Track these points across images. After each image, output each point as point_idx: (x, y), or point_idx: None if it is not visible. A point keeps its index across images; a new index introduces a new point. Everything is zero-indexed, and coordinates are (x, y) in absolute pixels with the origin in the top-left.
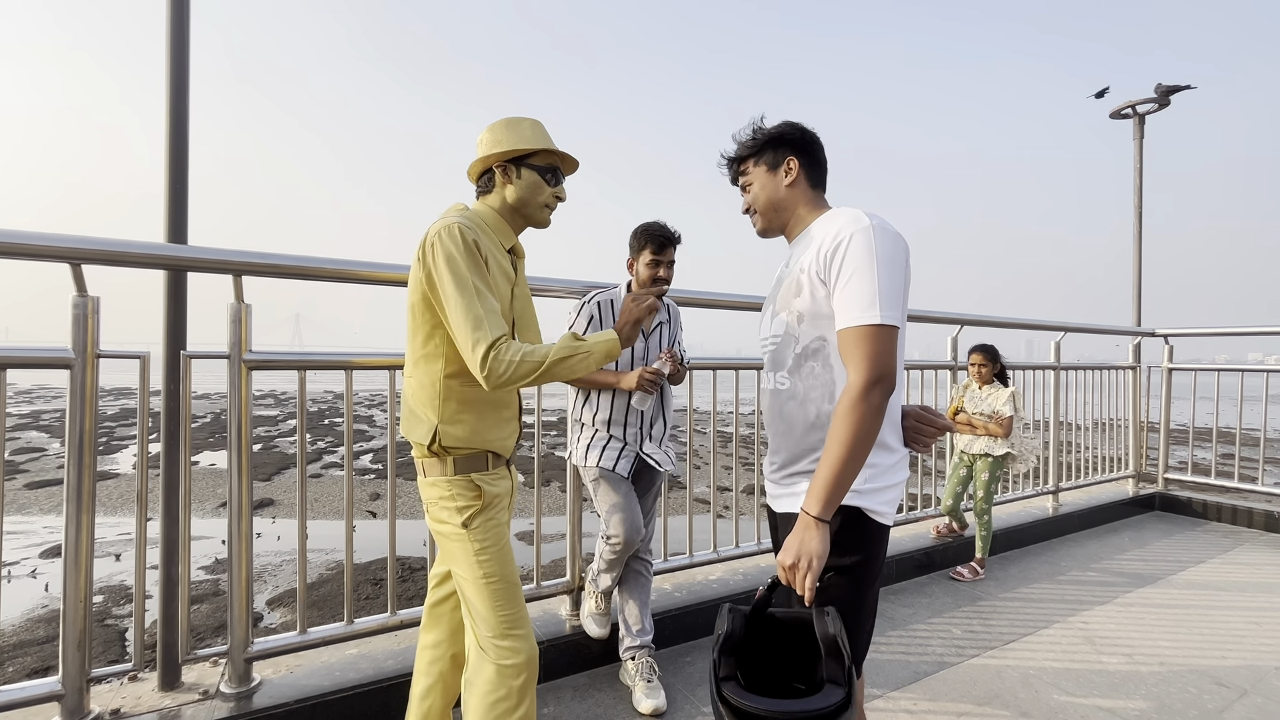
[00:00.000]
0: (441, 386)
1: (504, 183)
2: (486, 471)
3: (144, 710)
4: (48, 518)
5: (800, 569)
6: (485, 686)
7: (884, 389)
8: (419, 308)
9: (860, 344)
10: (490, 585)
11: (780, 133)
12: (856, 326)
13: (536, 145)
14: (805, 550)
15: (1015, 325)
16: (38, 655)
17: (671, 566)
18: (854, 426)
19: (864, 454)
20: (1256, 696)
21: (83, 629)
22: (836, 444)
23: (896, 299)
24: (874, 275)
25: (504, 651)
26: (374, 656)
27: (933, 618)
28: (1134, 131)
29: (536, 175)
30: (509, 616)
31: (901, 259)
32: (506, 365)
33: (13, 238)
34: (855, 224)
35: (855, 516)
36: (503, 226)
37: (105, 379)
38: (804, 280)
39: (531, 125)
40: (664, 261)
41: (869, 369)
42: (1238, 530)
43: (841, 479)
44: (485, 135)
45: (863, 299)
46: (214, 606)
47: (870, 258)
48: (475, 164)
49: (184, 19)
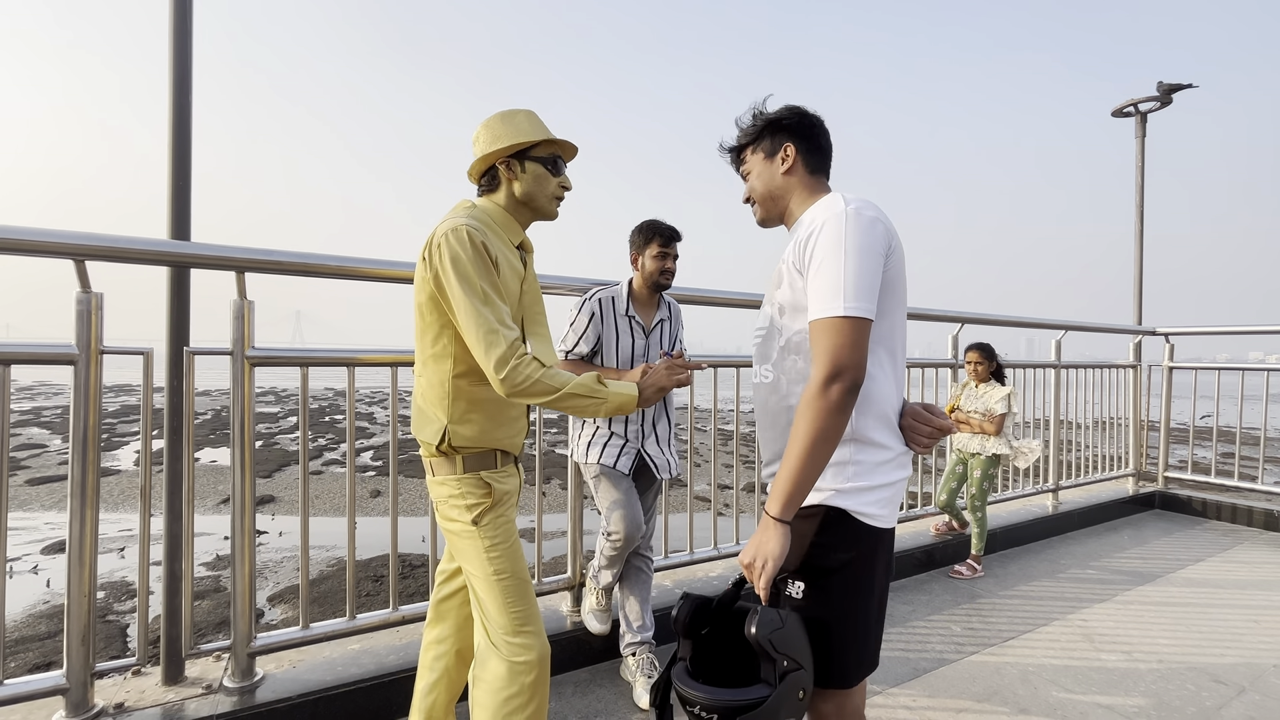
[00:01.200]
0: (451, 386)
1: (509, 179)
2: (495, 469)
3: (148, 704)
4: (49, 514)
5: (755, 568)
6: (497, 683)
7: (845, 383)
8: (426, 308)
9: (821, 337)
10: (501, 582)
11: (777, 118)
12: (820, 319)
13: (536, 137)
14: (762, 551)
15: (1016, 323)
16: (40, 650)
17: (672, 563)
18: (810, 423)
19: (824, 452)
20: (1255, 694)
21: (87, 624)
22: (794, 440)
23: (864, 289)
24: (840, 265)
25: (516, 648)
26: (376, 652)
27: (932, 615)
28: (1136, 129)
29: (541, 167)
30: (520, 613)
31: (876, 247)
32: (524, 379)
33: (17, 234)
34: (829, 210)
35: (838, 517)
36: (510, 223)
37: (105, 376)
38: (784, 271)
39: (527, 116)
40: (670, 254)
41: (827, 363)
42: (1237, 529)
43: (800, 478)
44: (481, 133)
45: (827, 290)
46: (215, 603)
47: (838, 246)
48: (476, 163)
49: (187, 16)
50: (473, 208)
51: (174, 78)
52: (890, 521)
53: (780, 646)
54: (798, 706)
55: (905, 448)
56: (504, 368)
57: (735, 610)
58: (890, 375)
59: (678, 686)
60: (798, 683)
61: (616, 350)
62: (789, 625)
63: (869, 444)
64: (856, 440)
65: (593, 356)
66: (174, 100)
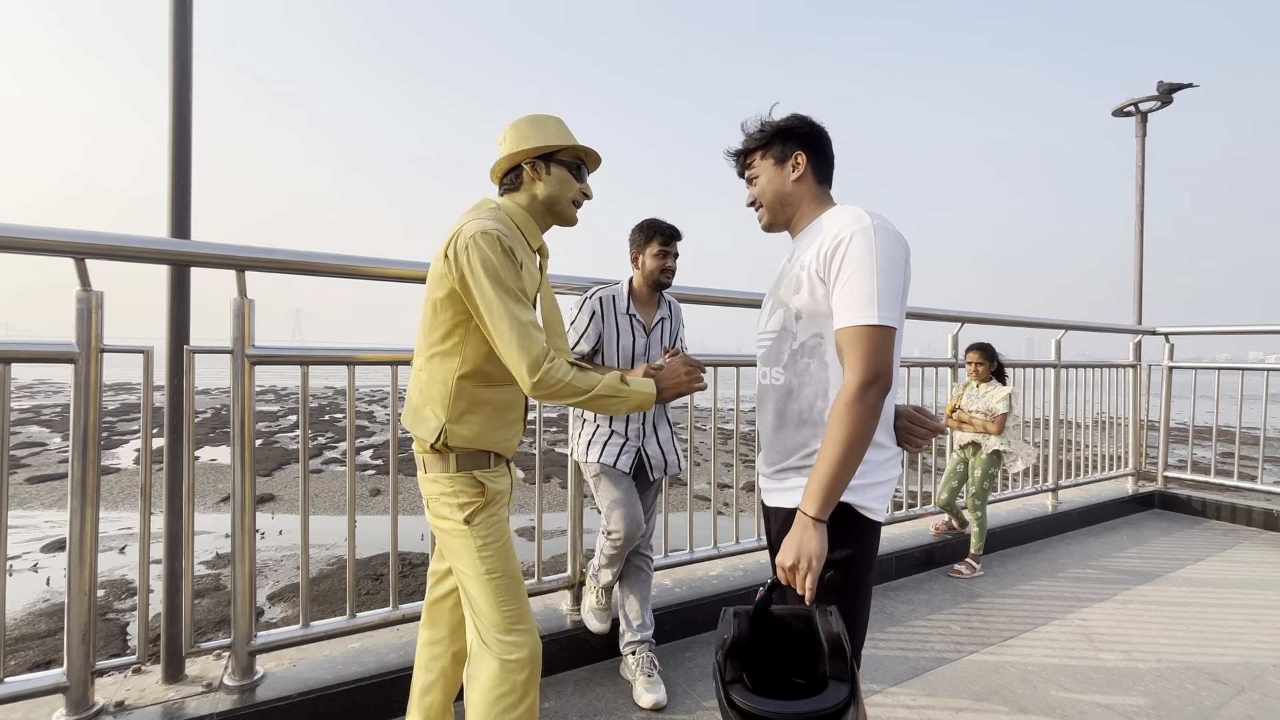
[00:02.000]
0: (454, 385)
1: (533, 179)
2: (488, 469)
3: (148, 702)
4: (49, 512)
5: (800, 569)
6: (489, 682)
7: (880, 389)
8: (442, 304)
9: (857, 344)
10: (493, 581)
11: (789, 126)
12: (854, 326)
13: (564, 142)
14: (805, 551)
15: (1016, 323)
16: (40, 649)
17: (672, 562)
18: (850, 426)
19: (860, 454)
20: (1254, 693)
21: (87, 622)
22: (832, 444)
23: (894, 300)
24: (873, 276)
25: (507, 646)
26: (376, 650)
27: (932, 614)
28: (1136, 129)
29: (566, 171)
30: (512, 612)
31: (901, 260)
32: (557, 382)
33: (18, 232)
34: (857, 223)
35: (845, 512)
36: (531, 226)
37: (105, 374)
38: (804, 277)
39: (555, 122)
40: (671, 252)
41: (865, 369)
42: (1236, 528)
43: (838, 479)
44: (509, 133)
45: (861, 299)
46: (214, 601)
47: (870, 258)
48: (502, 161)
49: (187, 17)
50: (497, 209)
51: (174, 77)
52: (884, 516)
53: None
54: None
55: (899, 448)
56: (537, 371)
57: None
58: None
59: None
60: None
61: (617, 348)
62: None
63: (873, 444)
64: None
65: (593, 355)
66: (174, 99)
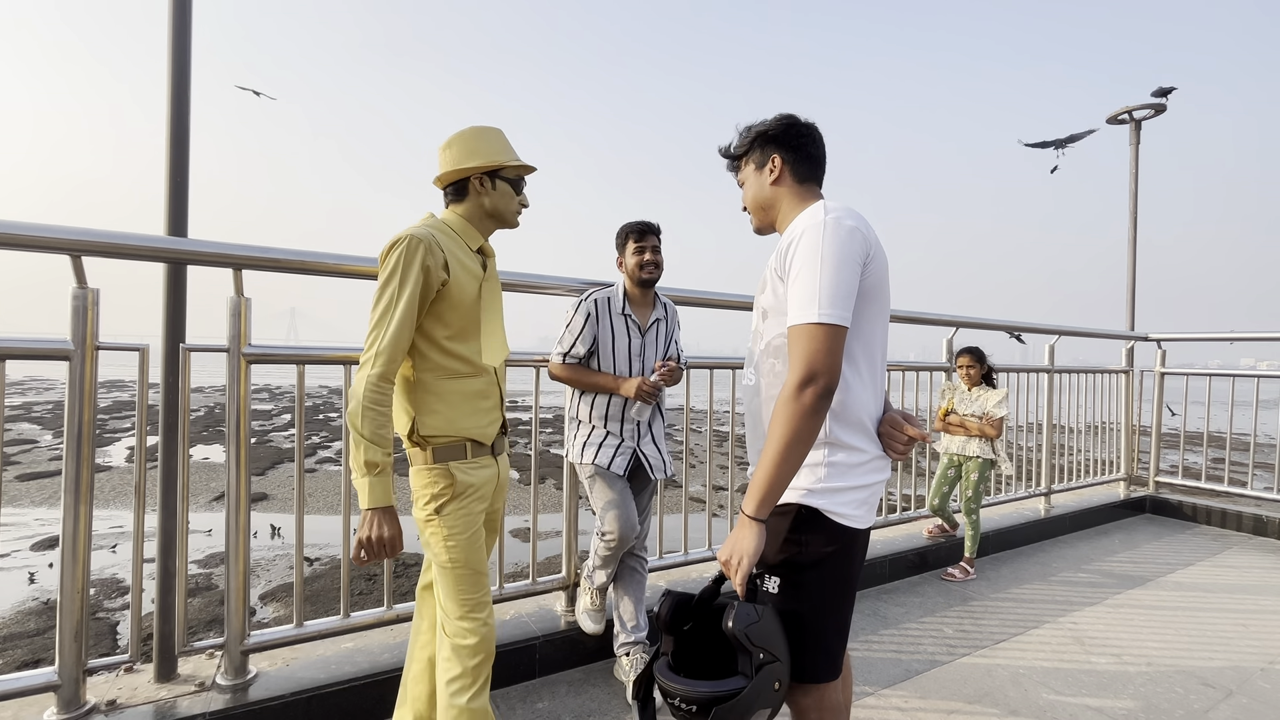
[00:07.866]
0: (415, 379)
1: (480, 193)
2: (465, 460)
3: (140, 701)
4: (39, 510)
5: (732, 565)
6: (443, 665)
7: (819, 388)
8: None
9: (797, 342)
10: (455, 570)
11: (765, 130)
12: (796, 325)
13: (509, 160)
14: (738, 548)
15: (1010, 328)
16: (29, 647)
17: (666, 564)
18: (784, 425)
19: (798, 454)
20: (1242, 697)
21: (79, 620)
22: (768, 443)
23: (839, 297)
24: (817, 272)
25: (462, 631)
26: (369, 650)
27: (925, 617)
28: (1130, 137)
29: (509, 186)
30: (469, 600)
31: (854, 255)
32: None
33: (14, 229)
34: (811, 218)
35: (811, 516)
36: (470, 230)
37: (99, 371)
38: (768, 277)
39: (499, 136)
40: (647, 247)
41: (802, 367)
42: (1226, 533)
43: (775, 478)
44: (455, 143)
45: (804, 297)
46: (207, 600)
47: (815, 254)
48: (448, 174)
49: (186, 15)
50: (430, 217)
51: (172, 73)
52: (864, 522)
53: (756, 639)
54: (774, 697)
55: (881, 453)
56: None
57: (716, 606)
58: (868, 382)
59: (659, 679)
60: (773, 674)
61: (613, 349)
62: (765, 619)
63: (842, 447)
64: (830, 444)
65: (589, 357)
66: (172, 95)
